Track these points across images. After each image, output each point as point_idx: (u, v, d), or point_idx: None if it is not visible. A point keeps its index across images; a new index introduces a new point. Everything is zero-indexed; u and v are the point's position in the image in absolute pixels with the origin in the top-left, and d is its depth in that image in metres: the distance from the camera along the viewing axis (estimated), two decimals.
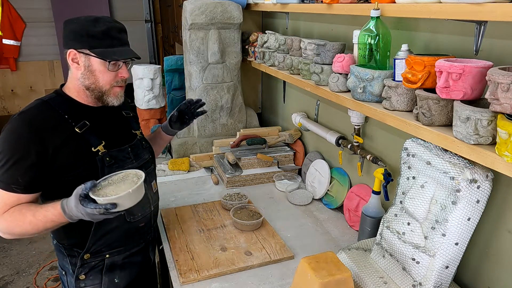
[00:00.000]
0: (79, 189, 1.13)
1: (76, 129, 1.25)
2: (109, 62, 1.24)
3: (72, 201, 1.13)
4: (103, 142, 1.29)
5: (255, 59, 2.31)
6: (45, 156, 1.19)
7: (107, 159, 1.28)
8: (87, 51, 1.23)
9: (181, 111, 1.66)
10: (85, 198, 1.12)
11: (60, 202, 1.16)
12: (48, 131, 1.20)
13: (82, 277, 1.34)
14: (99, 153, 1.27)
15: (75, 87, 1.30)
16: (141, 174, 1.23)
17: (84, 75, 1.26)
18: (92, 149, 1.26)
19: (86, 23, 1.23)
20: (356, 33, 1.43)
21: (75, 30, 1.24)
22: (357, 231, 1.66)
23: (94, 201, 1.11)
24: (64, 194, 1.26)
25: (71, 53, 1.24)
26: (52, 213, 1.17)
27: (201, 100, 1.69)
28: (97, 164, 1.26)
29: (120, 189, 1.16)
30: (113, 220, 1.31)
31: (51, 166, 1.21)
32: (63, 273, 1.39)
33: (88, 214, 1.11)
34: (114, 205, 1.12)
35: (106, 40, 1.24)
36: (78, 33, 1.23)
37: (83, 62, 1.25)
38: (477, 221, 1.09)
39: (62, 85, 1.34)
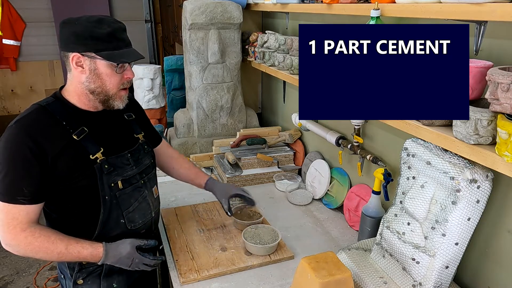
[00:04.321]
0: (136, 241, 1.30)
1: (74, 136, 1.21)
2: (118, 65, 1.21)
3: (125, 248, 1.28)
4: (102, 149, 1.26)
5: (255, 59, 2.31)
6: (45, 163, 1.16)
7: (106, 166, 1.25)
8: (93, 54, 1.18)
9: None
10: (138, 250, 1.30)
11: (102, 244, 1.26)
12: (46, 138, 1.17)
13: (80, 281, 1.33)
14: (98, 160, 1.24)
15: (77, 91, 1.25)
16: None
17: (90, 78, 1.22)
18: (90, 156, 1.23)
19: (90, 25, 1.17)
20: None
21: (77, 32, 1.18)
22: (357, 231, 1.66)
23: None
24: (64, 203, 1.25)
25: (74, 56, 1.19)
26: (89, 252, 1.23)
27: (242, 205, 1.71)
28: (95, 172, 1.24)
29: None
30: (114, 228, 1.31)
31: (51, 173, 1.18)
32: (62, 276, 1.38)
33: (138, 263, 1.29)
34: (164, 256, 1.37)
35: (113, 42, 1.20)
36: (82, 36, 1.17)
37: (88, 66, 1.20)
38: (477, 221, 1.09)
39: (62, 87, 1.30)
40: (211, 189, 1.65)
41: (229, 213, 1.59)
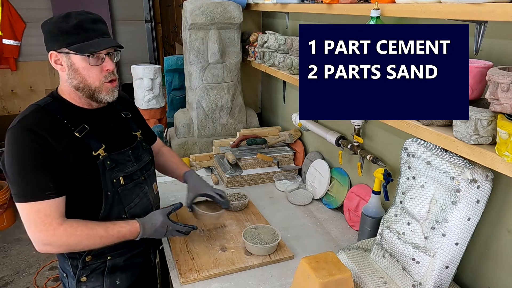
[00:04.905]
0: (165, 209, 1.37)
1: (76, 134, 1.22)
2: (89, 56, 1.19)
3: (158, 218, 1.33)
4: (103, 145, 1.27)
5: (255, 59, 2.31)
6: (54, 155, 1.17)
7: (108, 162, 1.27)
8: (66, 50, 1.19)
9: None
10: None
11: (136, 220, 1.30)
12: (50, 136, 1.17)
13: (84, 279, 1.33)
14: (100, 156, 1.25)
15: (67, 90, 1.27)
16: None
17: (70, 75, 1.22)
18: (93, 153, 1.24)
19: (58, 21, 1.18)
20: None
21: (49, 30, 1.20)
22: (357, 231, 1.66)
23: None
24: (67, 199, 1.24)
25: (52, 55, 1.21)
26: (128, 230, 1.27)
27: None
28: (98, 168, 1.25)
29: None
30: None
31: (60, 167, 1.19)
32: (64, 275, 1.38)
33: (171, 231, 1.36)
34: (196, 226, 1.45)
35: (81, 33, 1.18)
36: (53, 33, 1.19)
37: (66, 62, 1.21)
38: (477, 221, 1.09)
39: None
40: (186, 182, 1.61)
41: (189, 209, 1.55)
